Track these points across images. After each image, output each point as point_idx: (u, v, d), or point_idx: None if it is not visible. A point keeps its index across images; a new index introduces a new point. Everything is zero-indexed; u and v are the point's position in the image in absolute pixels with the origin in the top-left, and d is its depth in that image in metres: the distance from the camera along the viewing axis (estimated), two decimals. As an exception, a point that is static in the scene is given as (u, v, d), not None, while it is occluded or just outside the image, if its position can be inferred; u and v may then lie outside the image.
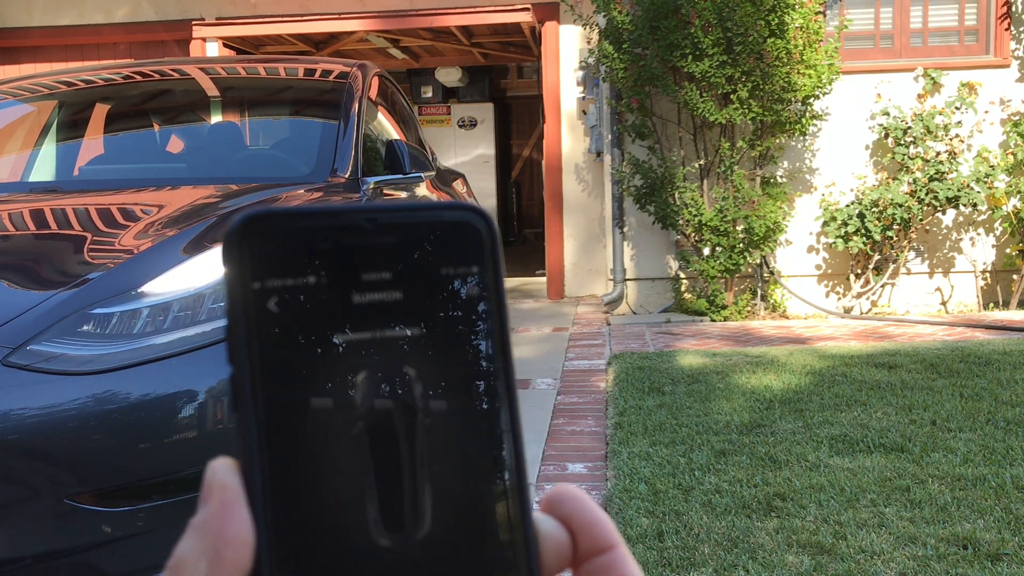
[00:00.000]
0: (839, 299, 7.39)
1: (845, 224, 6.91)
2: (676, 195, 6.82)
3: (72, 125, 4.18)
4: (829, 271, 7.41)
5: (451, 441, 0.33)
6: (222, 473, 0.31)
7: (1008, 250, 7.13)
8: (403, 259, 0.33)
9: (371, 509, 0.31)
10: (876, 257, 7.04)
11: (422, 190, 4.27)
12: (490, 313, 0.34)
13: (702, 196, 6.90)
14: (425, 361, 0.33)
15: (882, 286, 7.20)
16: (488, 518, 0.33)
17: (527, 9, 7.77)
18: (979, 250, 7.27)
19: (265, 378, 0.31)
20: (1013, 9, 7.13)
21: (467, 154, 12.85)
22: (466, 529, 0.32)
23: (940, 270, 7.36)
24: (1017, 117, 6.96)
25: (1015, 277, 7.10)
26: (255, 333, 0.31)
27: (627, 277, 7.54)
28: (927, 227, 7.20)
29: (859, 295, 7.25)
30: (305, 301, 0.32)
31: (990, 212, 6.97)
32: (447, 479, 0.32)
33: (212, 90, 4.26)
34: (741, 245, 6.74)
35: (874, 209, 6.84)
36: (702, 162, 7.01)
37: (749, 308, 7.05)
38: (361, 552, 0.31)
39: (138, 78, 4.23)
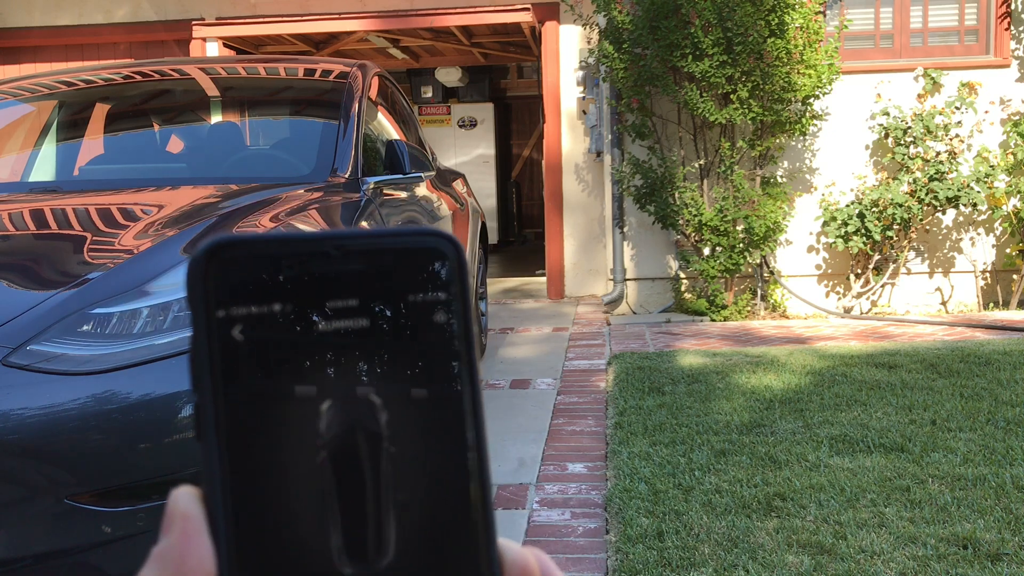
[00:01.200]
0: (839, 299, 7.39)
1: (845, 224, 6.91)
2: (676, 195, 6.82)
3: (72, 125, 4.17)
4: (829, 271, 7.41)
5: (417, 470, 0.32)
6: (184, 502, 0.31)
7: (1008, 250, 7.13)
8: (370, 286, 0.32)
9: (335, 538, 0.31)
10: (876, 257, 7.04)
11: (422, 190, 4.27)
12: (457, 341, 0.33)
13: (702, 196, 6.90)
14: (391, 390, 0.32)
15: (882, 286, 7.20)
16: (452, 547, 0.32)
17: (527, 9, 7.77)
18: (979, 250, 7.27)
19: (229, 407, 0.31)
20: (1013, 9, 7.13)
21: (467, 154, 12.85)
22: (430, 559, 0.32)
23: (940, 270, 7.36)
24: (1017, 117, 6.96)
25: (1015, 277, 7.10)
26: (219, 361, 0.31)
27: (627, 277, 7.54)
28: (927, 227, 7.20)
29: (859, 295, 7.25)
30: (270, 329, 0.31)
31: (990, 212, 6.97)
32: (412, 508, 0.32)
33: (212, 90, 4.26)
34: (741, 245, 6.73)
35: (874, 209, 6.84)
36: (702, 162, 7.01)
37: (749, 308, 7.05)
38: None
39: (138, 78, 4.23)
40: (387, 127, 4.39)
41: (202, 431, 0.31)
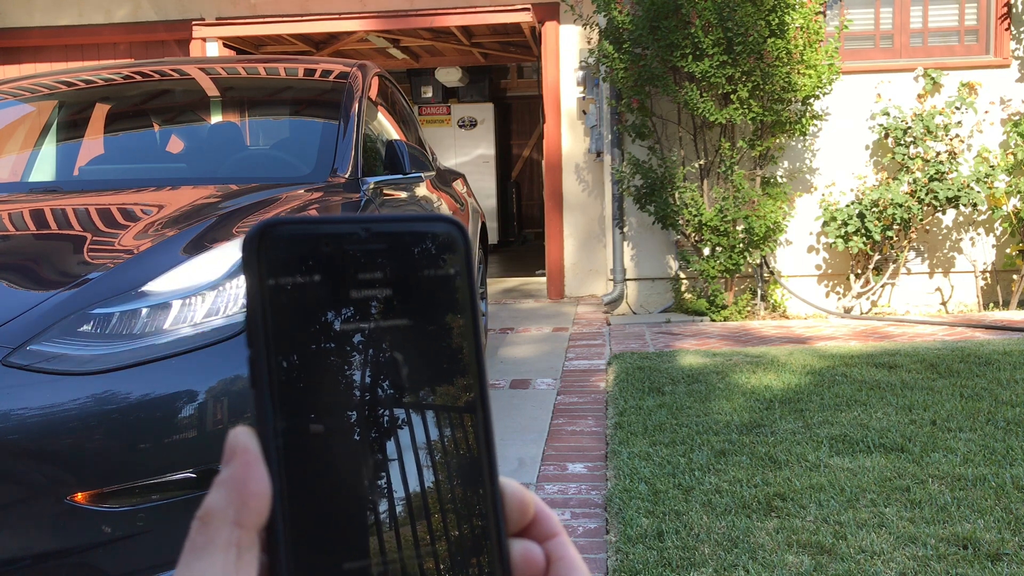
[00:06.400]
0: (839, 299, 7.39)
1: (845, 224, 6.91)
2: (676, 195, 6.82)
3: (72, 125, 4.17)
4: (829, 271, 7.41)
5: (430, 413, 0.39)
6: (243, 438, 0.36)
7: (1008, 250, 7.13)
8: (392, 262, 0.39)
9: (368, 469, 0.37)
10: (876, 257, 7.04)
11: (422, 190, 4.27)
12: (464, 309, 0.40)
13: (702, 196, 6.90)
14: (408, 347, 0.39)
15: (882, 286, 7.20)
16: (462, 480, 0.39)
17: (527, 9, 7.77)
18: (979, 250, 7.27)
19: (278, 359, 0.36)
20: (1013, 9, 7.13)
21: (467, 154, 12.85)
22: (448, 492, 0.38)
23: (940, 270, 7.35)
24: (1017, 117, 6.95)
25: (1015, 277, 7.10)
26: (270, 322, 0.36)
27: (627, 277, 7.53)
28: (927, 227, 7.20)
29: (859, 295, 7.25)
30: (311, 295, 0.37)
31: (990, 212, 6.97)
32: (431, 443, 0.39)
33: (212, 90, 4.26)
34: (741, 245, 6.73)
35: (874, 209, 6.84)
36: (702, 162, 7.01)
37: (749, 308, 7.05)
38: (361, 506, 0.37)
39: (138, 78, 4.23)
40: (387, 127, 4.39)
41: (255, 379, 0.36)
